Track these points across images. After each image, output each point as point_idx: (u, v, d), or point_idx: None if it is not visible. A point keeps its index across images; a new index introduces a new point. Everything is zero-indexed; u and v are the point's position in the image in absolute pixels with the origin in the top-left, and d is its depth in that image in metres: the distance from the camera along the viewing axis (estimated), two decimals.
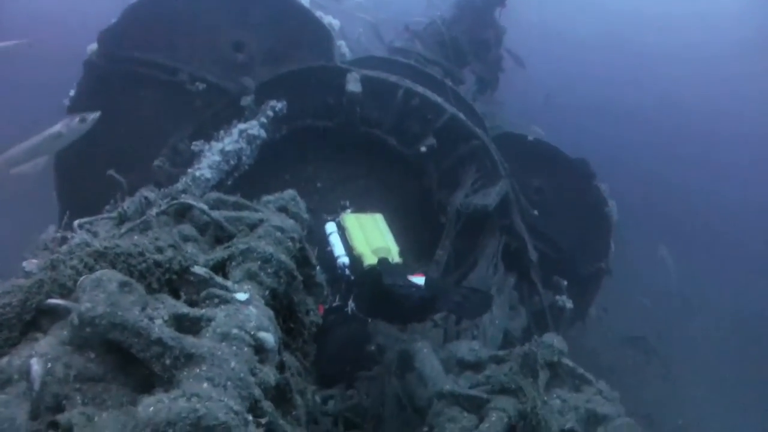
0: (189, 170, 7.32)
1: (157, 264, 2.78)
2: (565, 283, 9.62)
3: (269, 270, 3.28)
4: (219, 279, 2.92)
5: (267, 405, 2.52)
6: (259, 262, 3.27)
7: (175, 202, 3.79)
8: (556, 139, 10.60)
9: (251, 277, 3.21)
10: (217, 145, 7.64)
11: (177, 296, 2.87)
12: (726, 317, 17.43)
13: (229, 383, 2.32)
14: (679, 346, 14.72)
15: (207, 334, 2.54)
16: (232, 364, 2.39)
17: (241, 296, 2.81)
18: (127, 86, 8.65)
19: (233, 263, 3.29)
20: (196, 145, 8.13)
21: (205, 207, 3.84)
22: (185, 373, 2.32)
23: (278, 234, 3.73)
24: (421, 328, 7.47)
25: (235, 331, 2.55)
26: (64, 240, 3.56)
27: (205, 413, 2.06)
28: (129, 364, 2.43)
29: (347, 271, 6.41)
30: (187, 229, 3.74)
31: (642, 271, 17.26)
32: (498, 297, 8.61)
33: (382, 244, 6.64)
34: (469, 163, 8.85)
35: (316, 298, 4.22)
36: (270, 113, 7.88)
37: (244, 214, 3.96)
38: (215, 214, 3.84)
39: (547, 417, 4.44)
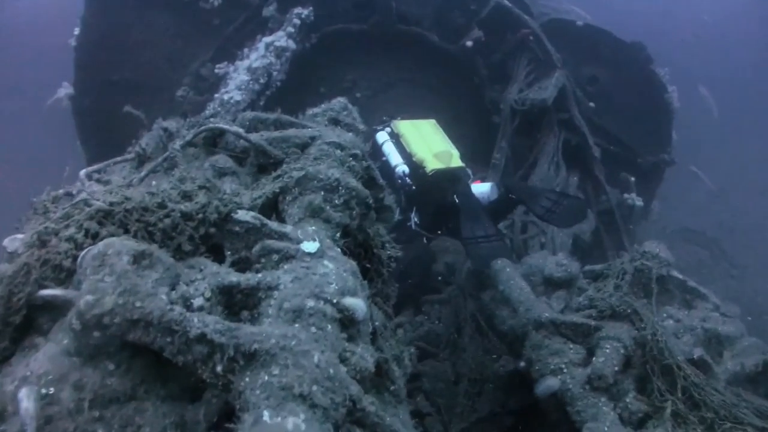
0: (216, 95, 6.41)
1: (186, 216, 1.91)
2: (633, 179, 8.59)
3: (337, 201, 2.41)
4: (274, 224, 2.05)
5: (369, 403, 1.70)
6: (322, 193, 2.39)
7: (203, 128, 2.89)
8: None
9: (315, 213, 2.34)
10: (243, 64, 6.69)
11: (220, 257, 2.02)
12: None
13: (315, 389, 1.49)
14: (743, 235, 13.63)
15: (271, 312, 1.70)
16: (316, 357, 1.55)
17: (310, 246, 1.94)
18: (134, 12, 7.63)
19: (288, 198, 2.41)
20: (220, 68, 7.21)
21: (240, 130, 2.94)
22: (248, 380, 1.49)
23: (338, 152, 2.83)
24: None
25: (310, 303, 1.70)
26: (69, 198, 2.70)
27: None
28: (166, 366, 1.61)
29: (408, 180, 5.56)
30: (222, 159, 2.85)
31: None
32: None
33: (444, 148, 5.83)
34: (520, 54, 7.74)
35: (385, 225, 3.36)
36: (296, 21, 6.86)
37: (290, 132, 3.05)
38: (254, 136, 2.94)
39: (670, 344, 3.58)
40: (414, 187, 5.59)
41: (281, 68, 6.70)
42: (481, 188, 5.73)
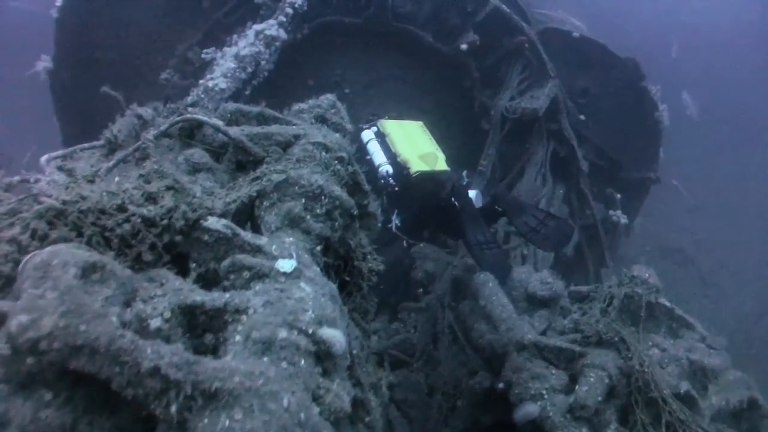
0: (201, 81, 6.13)
1: (149, 222, 1.69)
2: (619, 196, 8.45)
3: (319, 211, 2.19)
4: (248, 235, 1.83)
5: None
6: (303, 200, 2.18)
7: (179, 118, 2.66)
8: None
9: (294, 222, 2.12)
10: (231, 51, 6.39)
11: (185, 268, 1.80)
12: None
13: None
14: (720, 255, 13.59)
15: (237, 339, 1.49)
16: (285, 399, 1.34)
17: (286, 265, 1.73)
18: None
19: (265, 203, 2.20)
20: (207, 53, 6.89)
21: (219, 123, 2.71)
22: (206, 422, 1.28)
23: (323, 154, 2.63)
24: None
25: (282, 333, 1.49)
26: (26, 187, 2.44)
27: None
28: (114, 394, 1.39)
29: (391, 180, 5.37)
30: (198, 154, 2.63)
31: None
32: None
33: (430, 150, 5.67)
34: (514, 61, 7.56)
35: (368, 233, 3.15)
36: (289, 10, 6.57)
37: (273, 129, 2.83)
38: (234, 130, 2.71)
39: (657, 377, 3.42)
40: (397, 189, 5.41)
41: (270, 58, 6.43)
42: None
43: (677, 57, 19.76)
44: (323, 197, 2.18)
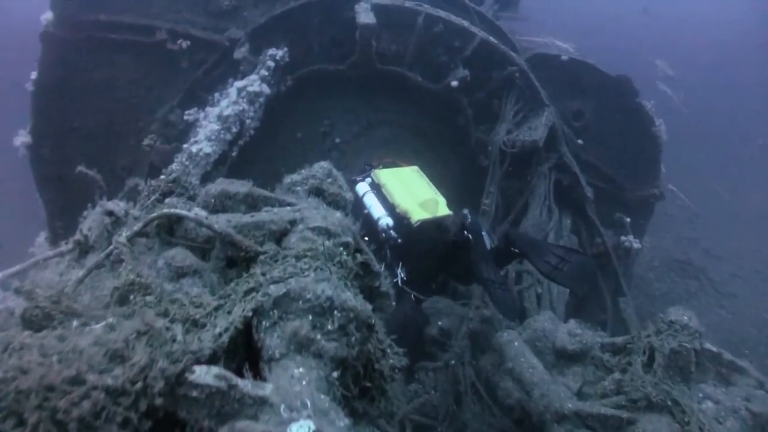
0: (184, 146, 5.78)
1: (115, 393, 1.27)
2: (629, 220, 8.06)
3: (330, 327, 1.79)
4: (247, 385, 1.43)
5: None
6: (310, 317, 1.77)
7: (154, 216, 2.27)
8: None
9: (302, 346, 1.72)
10: (213, 111, 6.08)
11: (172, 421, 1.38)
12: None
13: None
14: (729, 263, 13.18)
15: None
16: None
17: (301, 429, 1.31)
18: (97, 56, 6.96)
19: (264, 323, 1.79)
20: (189, 114, 6.59)
21: (201, 215, 2.33)
22: None
23: (326, 243, 2.25)
24: (480, 291, 6.05)
25: None
26: None
27: None
28: None
29: (393, 233, 4.99)
30: (180, 255, 2.24)
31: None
32: (557, 243, 7.15)
33: (429, 196, 5.36)
34: (507, 93, 7.22)
35: (381, 315, 2.75)
36: (270, 63, 6.26)
37: (265, 216, 2.44)
38: (220, 222, 2.33)
39: None
40: (400, 240, 5.04)
41: (255, 115, 6.09)
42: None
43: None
44: (334, 310, 1.78)
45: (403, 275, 5.22)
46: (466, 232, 5.02)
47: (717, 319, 11.21)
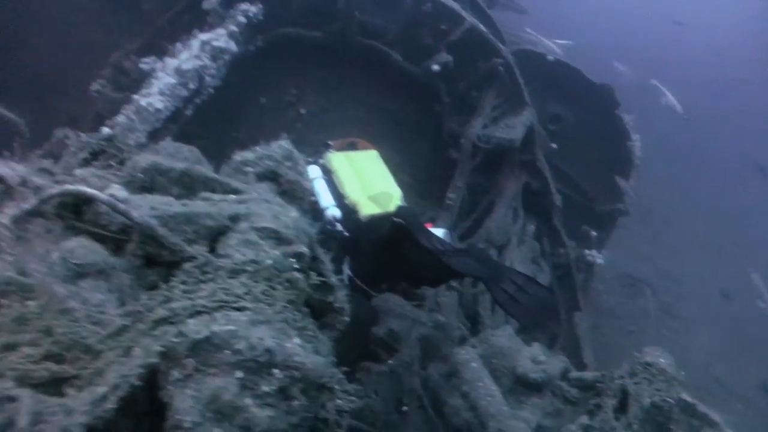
0: (135, 96, 5.17)
1: None
2: (594, 233, 7.74)
3: (266, 388, 1.29)
4: None
5: None
6: (239, 374, 1.27)
7: (54, 192, 1.73)
8: None
9: (224, 416, 1.22)
10: (172, 62, 5.44)
11: None
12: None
13: None
14: (683, 286, 13.07)
15: None
16: None
17: None
18: None
19: (176, 373, 1.28)
20: (145, 63, 5.93)
21: (119, 196, 1.80)
22: None
23: (273, 251, 1.76)
24: (433, 293, 5.63)
25: None
26: None
27: None
28: None
29: (339, 226, 4.50)
30: (82, 249, 1.71)
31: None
32: (519, 249, 6.78)
33: (382, 189, 4.87)
34: (489, 86, 6.77)
35: (330, 334, 2.27)
36: (242, 19, 5.67)
37: (201, 207, 1.93)
38: (143, 209, 1.81)
39: None
40: (346, 234, 4.56)
41: (217, 73, 5.50)
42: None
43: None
44: (274, 368, 1.28)
45: (348, 272, 4.77)
46: (396, 218, 4.47)
47: (657, 337, 11.09)
